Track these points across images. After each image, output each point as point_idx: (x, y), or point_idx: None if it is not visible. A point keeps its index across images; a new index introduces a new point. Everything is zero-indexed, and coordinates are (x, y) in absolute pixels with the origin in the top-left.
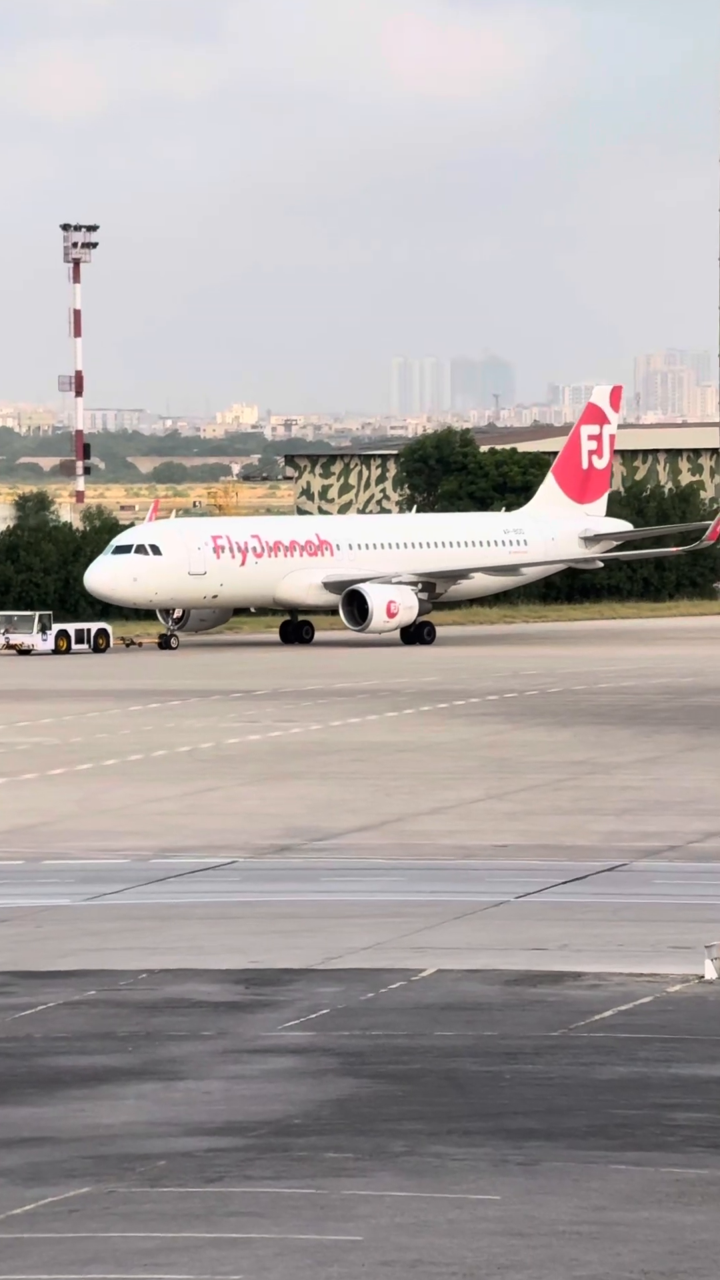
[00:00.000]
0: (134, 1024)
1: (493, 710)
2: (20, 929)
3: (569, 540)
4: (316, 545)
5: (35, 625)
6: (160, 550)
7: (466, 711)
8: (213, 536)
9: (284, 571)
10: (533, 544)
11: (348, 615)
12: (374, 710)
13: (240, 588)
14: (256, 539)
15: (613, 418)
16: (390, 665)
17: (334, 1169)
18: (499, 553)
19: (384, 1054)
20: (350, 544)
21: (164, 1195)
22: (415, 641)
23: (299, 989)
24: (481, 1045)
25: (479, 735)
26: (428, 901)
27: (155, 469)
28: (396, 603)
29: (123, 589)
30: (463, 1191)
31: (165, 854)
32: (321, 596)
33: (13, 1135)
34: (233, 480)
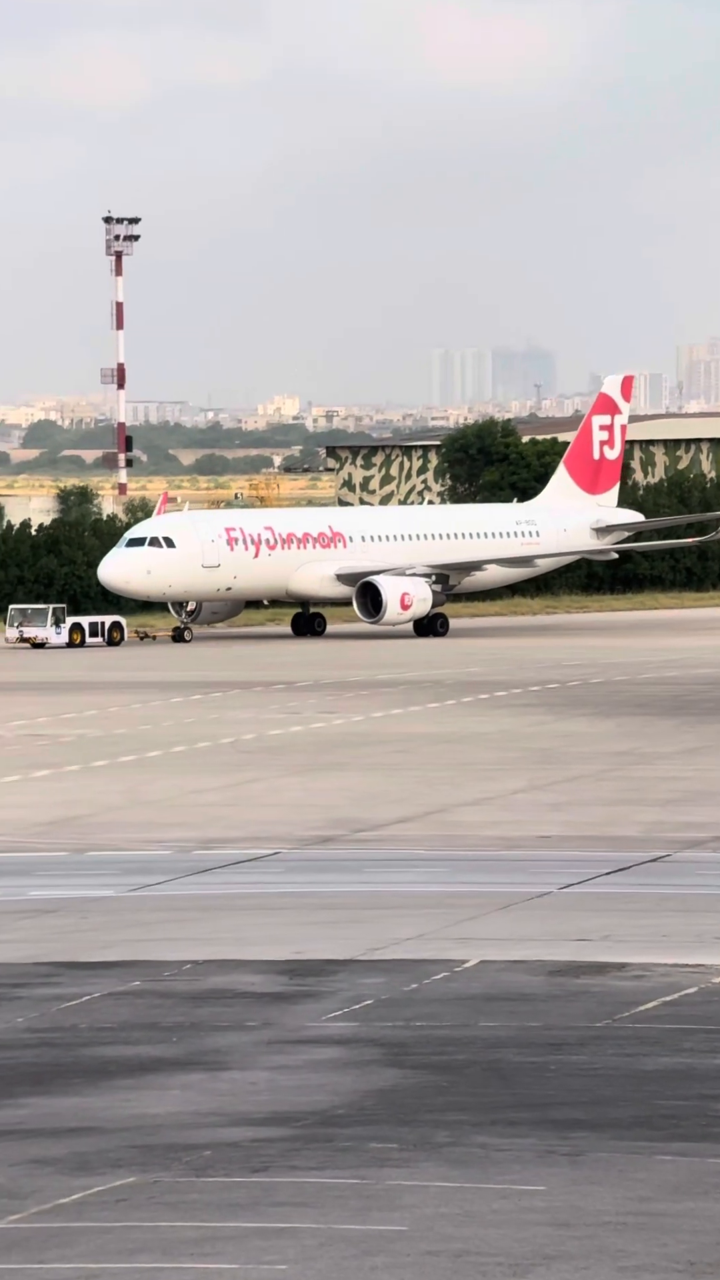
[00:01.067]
0: (179, 1014)
1: (535, 701)
2: (65, 920)
3: (581, 531)
4: (329, 537)
5: (49, 618)
6: (174, 543)
7: (509, 702)
8: (226, 529)
9: (297, 564)
10: (545, 535)
11: (361, 607)
12: (416, 701)
13: (253, 580)
14: (269, 531)
15: (624, 408)
16: (431, 656)
17: (378, 1159)
18: (511, 544)
19: (428, 1045)
20: (363, 536)
21: (209, 1185)
22: (428, 634)
23: (343, 980)
24: (526, 1036)
25: (521, 726)
26: (471, 892)
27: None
28: (410, 594)
29: (136, 582)
30: (508, 1182)
31: (208, 845)
32: (334, 588)
33: (60, 1125)
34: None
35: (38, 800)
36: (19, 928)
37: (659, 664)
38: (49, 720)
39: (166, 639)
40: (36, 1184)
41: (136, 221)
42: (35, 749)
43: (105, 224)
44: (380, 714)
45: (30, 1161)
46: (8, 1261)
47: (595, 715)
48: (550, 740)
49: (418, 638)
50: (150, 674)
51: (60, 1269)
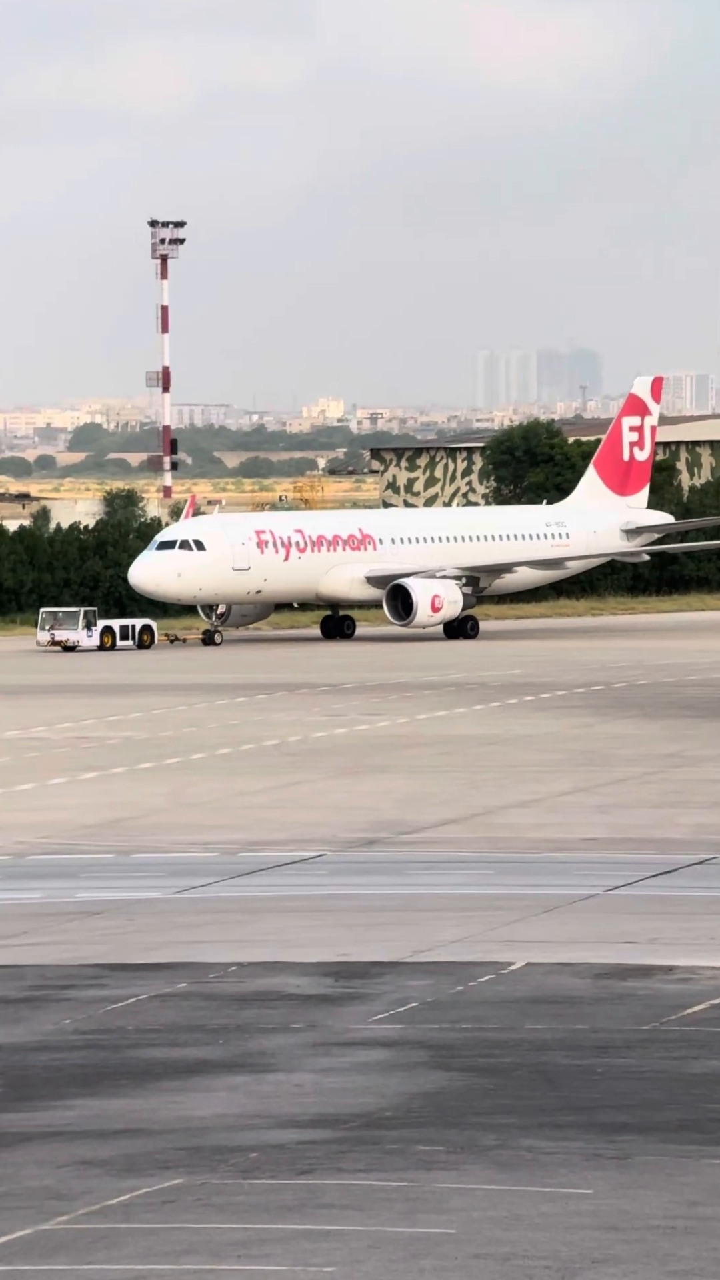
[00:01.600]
0: (224, 1016)
1: (580, 703)
2: (111, 922)
3: (610, 533)
4: (359, 539)
5: (81, 621)
6: (204, 546)
7: (554, 704)
8: (256, 531)
9: (327, 566)
10: (574, 537)
11: (391, 610)
12: (460, 703)
13: (283, 583)
14: (299, 534)
15: (654, 409)
16: (474, 658)
17: (425, 1162)
18: (541, 546)
19: (474, 1047)
20: (393, 538)
21: (256, 1187)
22: (458, 636)
23: (388, 982)
24: (572, 1039)
25: (566, 728)
26: (516, 895)
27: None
28: (441, 597)
29: (167, 585)
30: (555, 1185)
31: (253, 847)
32: (364, 591)
33: (107, 1127)
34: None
35: (84, 802)
36: (66, 929)
37: (705, 666)
38: (95, 723)
39: (196, 642)
40: (84, 1185)
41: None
42: (82, 751)
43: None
44: (424, 716)
45: (78, 1163)
46: (56, 1263)
47: (641, 717)
48: (596, 742)
49: (448, 640)
50: (193, 676)
51: (108, 1270)
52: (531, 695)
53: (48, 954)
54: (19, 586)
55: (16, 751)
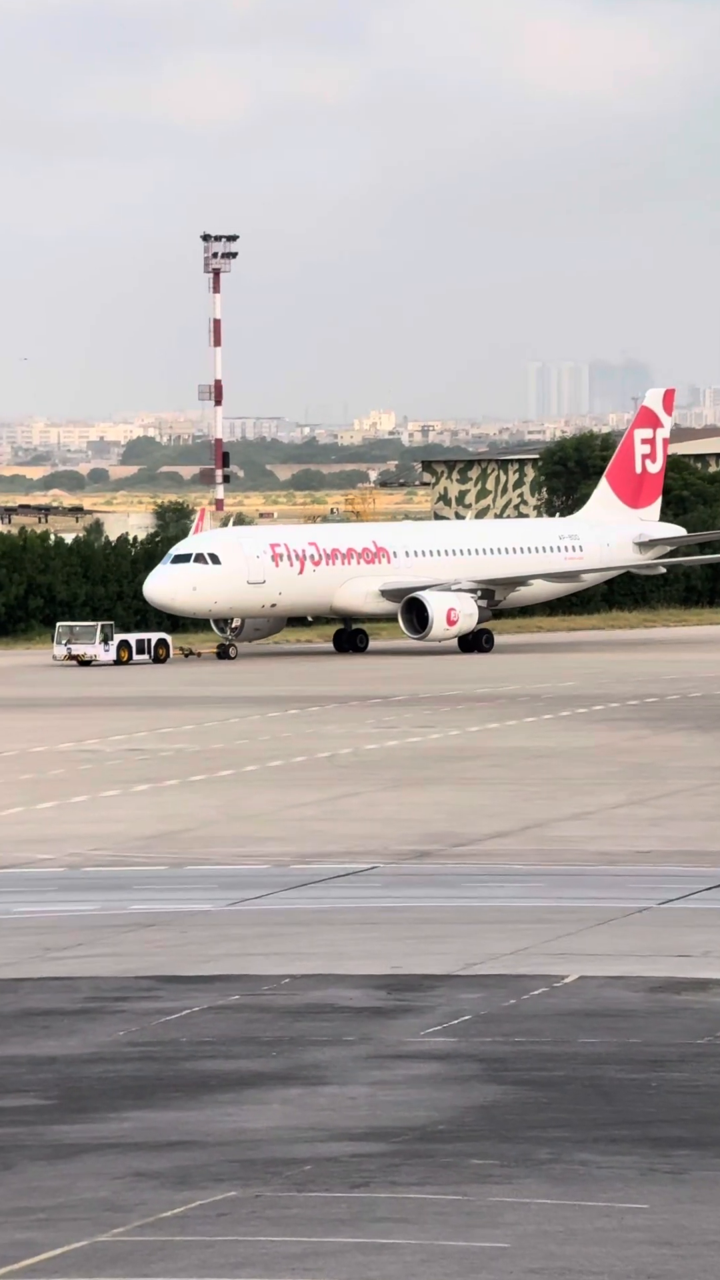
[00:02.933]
0: (277, 1029)
1: (633, 715)
2: (165, 934)
3: (624, 546)
4: (374, 552)
5: (98, 635)
6: (219, 559)
7: (606, 716)
8: (271, 545)
9: (341, 579)
10: (588, 550)
11: (407, 623)
12: (513, 715)
13: (298, 596)
14: (314, 546)
15: (665, 421)
16: (525, 671)
17: (480, 1175)
18: (555, 559)
19: (528, 1060)
20: (407, 551)
21: (310, 1200)
22: (473, 650)
23: (441, 995)
24: (626, 1052)
25: (619, 740)
26: (569, 908)
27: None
28: (457, 610)
29: (182, 598)
30: (610, 1200)
31: (306, 859)
32: (379, 604)
33: (161, 1139)
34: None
35: (137, 814)
36: (120, 941)
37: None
38: (148, 735)
39: (211, 656)
40: (139, 1197)
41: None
42: (135, 763)
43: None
44: (476, 728)
45: (132, 1175)
46: (112, 1275)
47: (694, 729)
48: (649, 755)
49: (462, 654)
50: (242, 689)
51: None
52: (584, 707)
53: (102, 966)
54: (73, 599)
55: (71, 764)
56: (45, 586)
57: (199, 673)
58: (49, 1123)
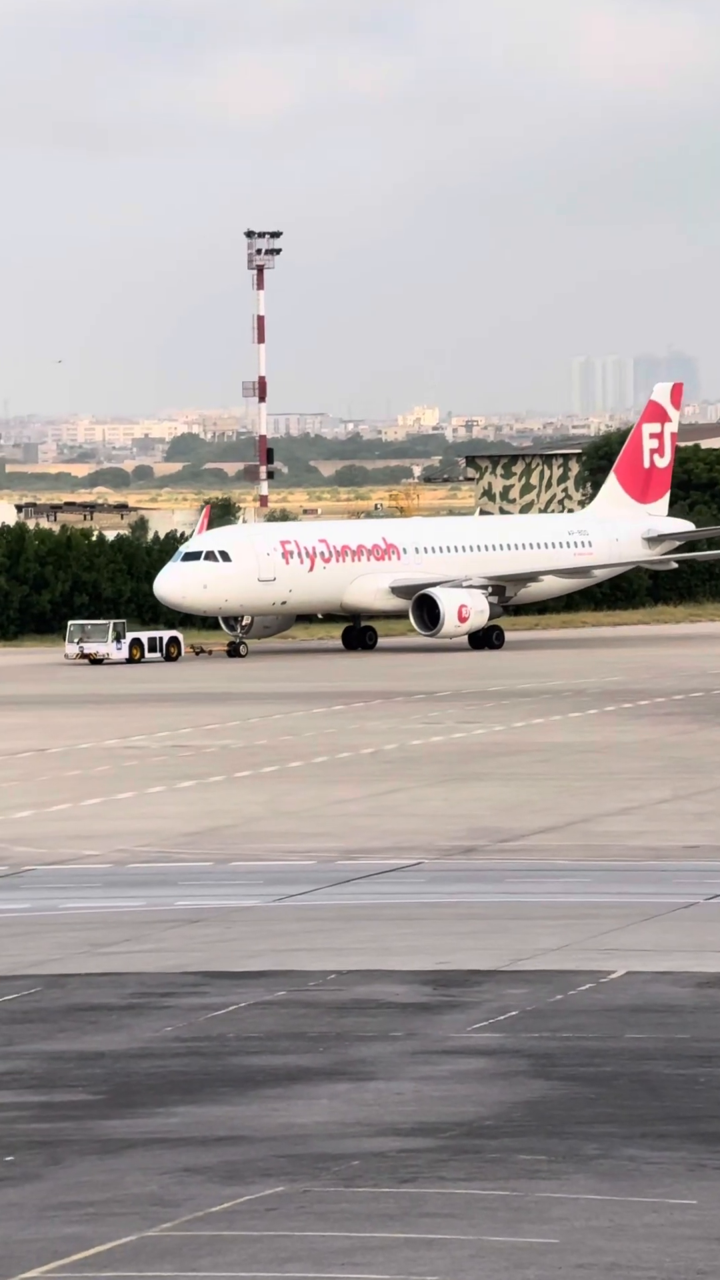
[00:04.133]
0: (324, 1024)
1: (678, 710)
2: (211, 930)
3: (633, 541)
4: (383, 549)
5: (110, 634)
6: (230, 557)
7: (651, 711)
8: (281, 542)
9: (351, 576)
10: (597, 545)
11: (418, 619)
12: (557, 711)
13: (308, 593)
14: (324, 544)
15: (674, 415)
16: (570, 665)
17: (527, 1171)
18: (565, 555)
19: (575, 1056)
20: (416, 548)
21: (358, 1195)
22: (484, 646)
23: (487, 990)
24: (674, 1048)
25: (665, 735)
26: (616, 903)
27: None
28: (468, 606)
29: (192, 596)
30: (659, 1195)
31: (351, 855)
32: (389, 601)
33: (209, 1134)
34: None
35: (182, 810)
36: (166, 938)
37: None
38: (192, 731)
39: (222, 654)
40: (187, 1192)
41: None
42: (179, 759)
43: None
44: (521, 724)
45: (181, 1170)
46: (161, 1269)
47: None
48: (696, 749)
49: (473, 650)
50: (287, 685)
51: (213, 1277)
52: (629, 702)
53: (149, 962)
54: (118, 596)
55: (116, 760)
56: (90, 584)
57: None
58: (97, 1118)
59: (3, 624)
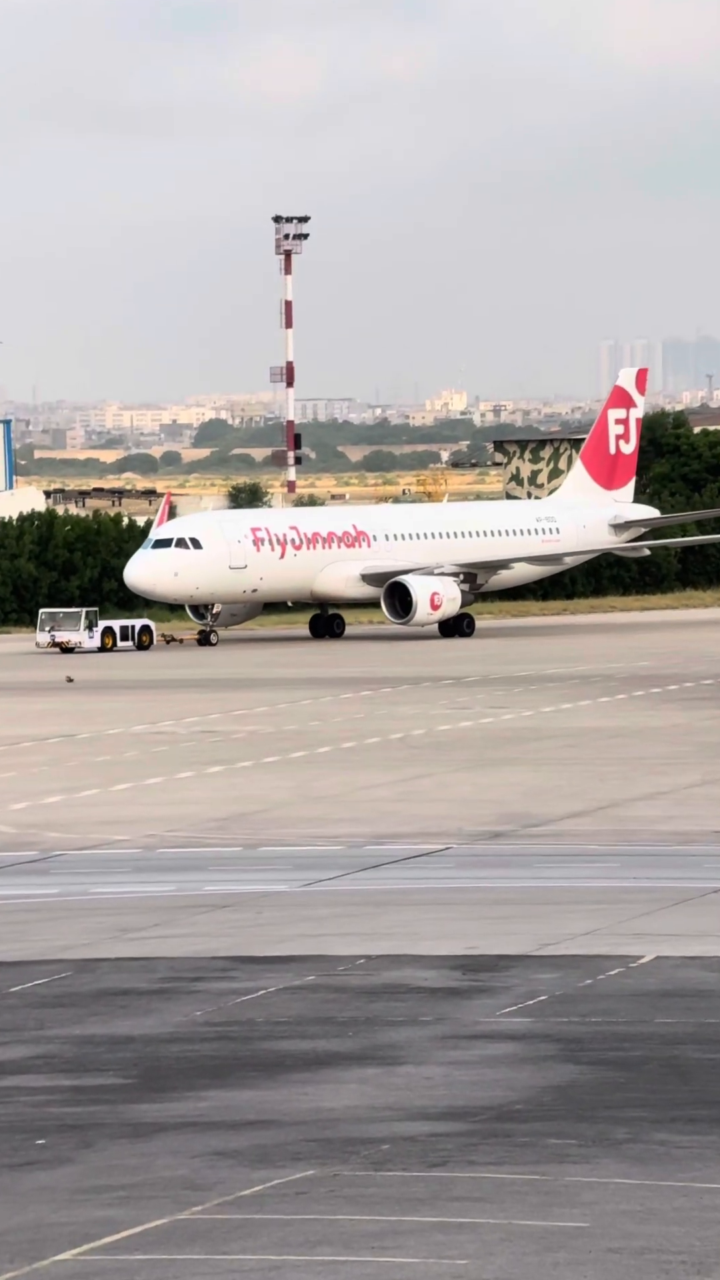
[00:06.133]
0: (353, 1009)
1: (708, 695)
2: (240, 915)
3: (599, 528)
4: (354, 537)
5: (82, 622)
6: (200, 544)
7: (680, 696)
8: (252, 529)
9: (322, 564)
10: (565, 532)
11: (390, 607)
12: (585, 695)
13: (279, 581)
14: (295, 531)
15: (639, 401)
16: (601, 649)
17: (557, 1155)
18: (532, 542)
19: (604, 1041)
20: (387, 535)
21: (388, 1179)
22: (454, 634)
23: (516, 975)
24: (704, 1032)
25: (694, 720)
26: (645, 888)
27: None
28: (440, 594)
29: (163, 584)
30: (689, 1180)
31: (379, 840)
32: (360, 589)
33: (239, 1118)
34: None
35: (211, 796)
36: (195, 922)
37: None
38: (221, 717)
39: (193, 642)
40: (218, 1175)
41: (306, 220)
42: (208, 745)
43: (275, 223)
44: (550, 709)
45: (211, 1153)
46: (192, 1252)
47: None
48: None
49: (444, 638)
50: (316, 671)
51: (243, 1260)
52: (658, 687)
53: (178, 946)
54: None
55: (145, 746)
56: (119, 570)
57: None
58: (128, 1101)
59: (32, 610)
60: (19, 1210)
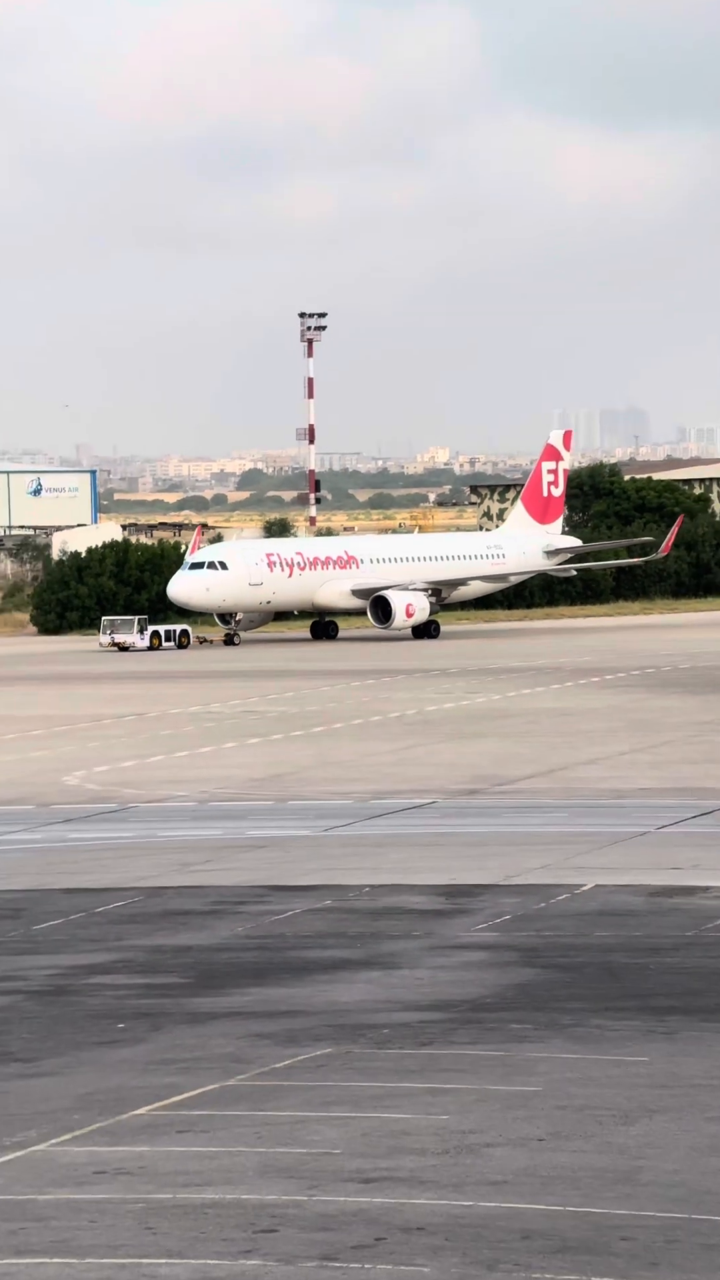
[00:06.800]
0: (361, 926)
1: (635, 683)
2: (272, 854)
3: (536, 554)
4: (346, 560)
5: (135, 626)
6: (227, 566)
7: (615, 684)
8: (266, 554)
9: (321, 581)
10: (509, 557)
11: (374, 615)
12: (541, 683)
13: (288, 595)
14: (299, 555)
15: (565, 455)
16: (553, 648)
17: (518, 1037)
18: (484, 564)
19: (554, 950)
20: (372, 558)
21: (388, 1055)
22: (424, 636)
23: (487, 900)
24: (631, 943)
25: (625, 702)
26: (587, 833)
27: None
28: (413, 605)
29: (198, 598)
30: (619, 1055)
31: (381, 796)
32: (350, 601)
33: (272, 1009)
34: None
35: (251, 761)
36: (239, 859)
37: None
38: (258, 700)
39: (219, 644)
40: (257, 1052)
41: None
42: (249, 722)
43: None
44: (514, 693)
45: (251, 1035)
46: (238, 1109)
47: (684, 693)
48: (648, 713)
49: (415, 640)
50: (323, 664)
51: (277, 1115)
52: (597, 676)
53: (225, 878)
54: None
55: (198, 723)
56: None
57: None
58: (188, 996)
59: None
60: (106, 1077)
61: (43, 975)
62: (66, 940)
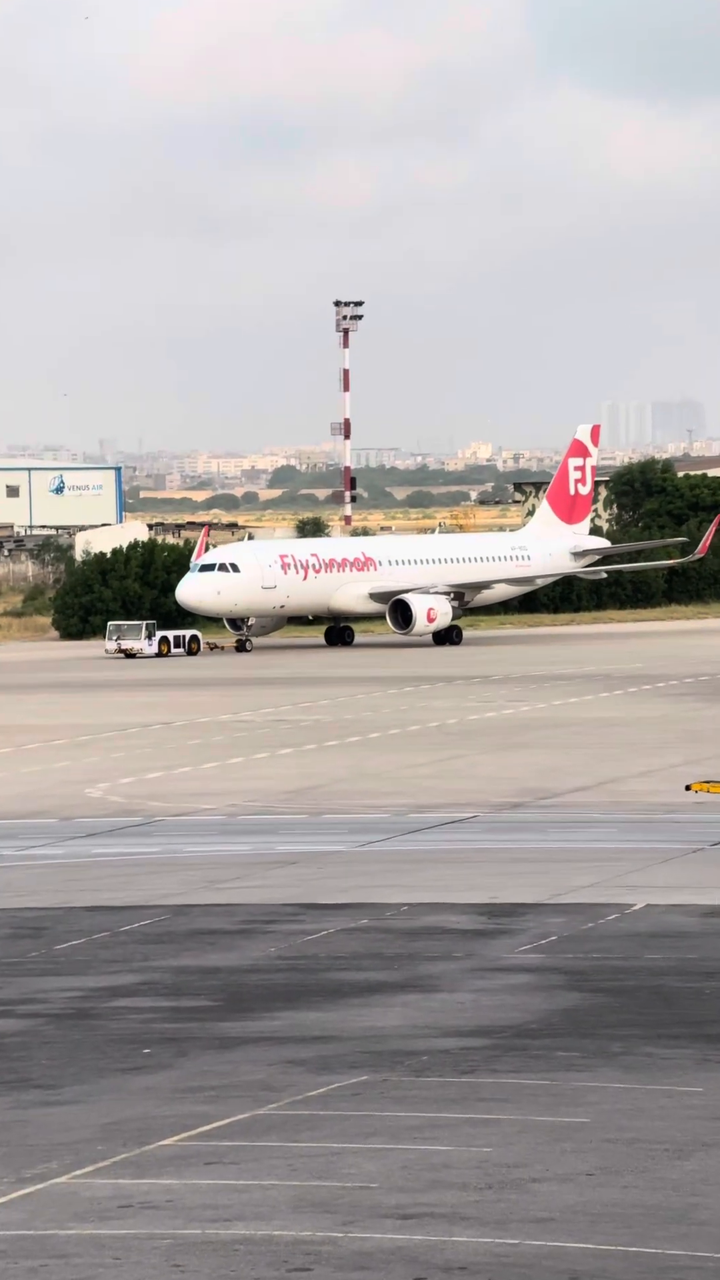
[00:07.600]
0: (398, 946)
1: (689, 691)
2: (306, 870)
3: (562, 555)
4: (363, 561)
5: (143, 632)
6: (238, 568)
7: (667, 692)
8: (280, 555)
9: (337, 584)
10: (535, 558)
11: (393, 620)
12: (590, 691)
13: (302, 599)
14: (315, 557)
15: (593, 451)
16: (603, 654)
17: (564, 1065)
18: (509, 567)
19: (603, 973)
20: (390, 560)
21: (427, 1084)
22: (445, 643)
23: (531, 919)
24: (684, 966)
25: (678, 712)
26: (637, 849)
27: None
28: (435, 609)
29: (208, 601)
30: (671, 1084)
31: (420, 810)
32: (368, 605)
33: (306, 1034)
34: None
35: (282, 773)
36: (270, 876)
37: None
38: (290, 708)
39: (231, 650)
40: (289, 1080)
41: (360, 304)
42: (280, 731)
43: (335, 306)
44: (560, 702)
45: (284, 1062)
46: (269, 1140)
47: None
48: (702, 723)
49: (436, 646)
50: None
51: (310, 1147)
52: (649, 684)
53: (255, 895)
54: None
55: (228, 732)
56: None
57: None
58: (216, 1020)
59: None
60: (130, 1105)
61: (64, 997)
62: (89, 961)
